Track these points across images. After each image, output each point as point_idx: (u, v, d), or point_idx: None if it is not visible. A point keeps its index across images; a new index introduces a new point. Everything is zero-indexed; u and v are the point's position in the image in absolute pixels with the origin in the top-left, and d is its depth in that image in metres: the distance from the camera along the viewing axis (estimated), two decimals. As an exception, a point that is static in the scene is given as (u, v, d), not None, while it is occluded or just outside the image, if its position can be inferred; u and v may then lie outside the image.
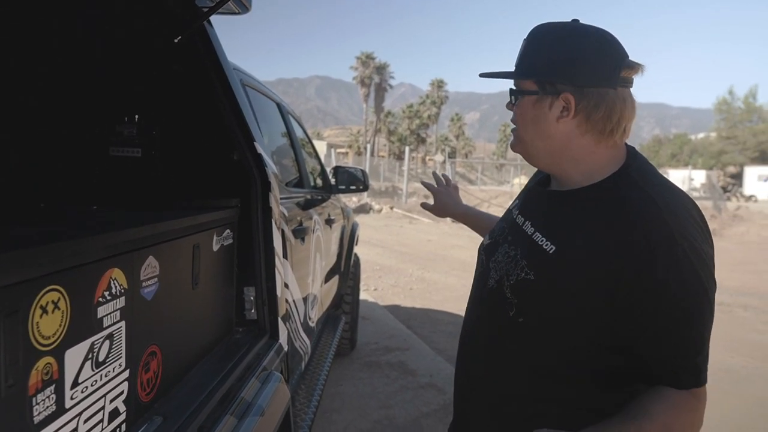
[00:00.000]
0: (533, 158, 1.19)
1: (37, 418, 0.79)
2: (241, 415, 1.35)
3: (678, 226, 1.00)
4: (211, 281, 1.51)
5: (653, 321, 1.00)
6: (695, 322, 1.00)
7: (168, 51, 1.81)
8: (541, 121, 1.11)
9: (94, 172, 1.92)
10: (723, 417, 3.94)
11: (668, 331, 1.00)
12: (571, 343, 1.08)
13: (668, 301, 0.99)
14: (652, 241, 0.98)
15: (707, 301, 1.01)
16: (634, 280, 0.99)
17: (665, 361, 1.02)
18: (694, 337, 1.01)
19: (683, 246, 0.98)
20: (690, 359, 1.02)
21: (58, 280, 0.82)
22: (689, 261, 0.98)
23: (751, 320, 6.81)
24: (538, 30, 1.14)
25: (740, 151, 51.36)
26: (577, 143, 1.11)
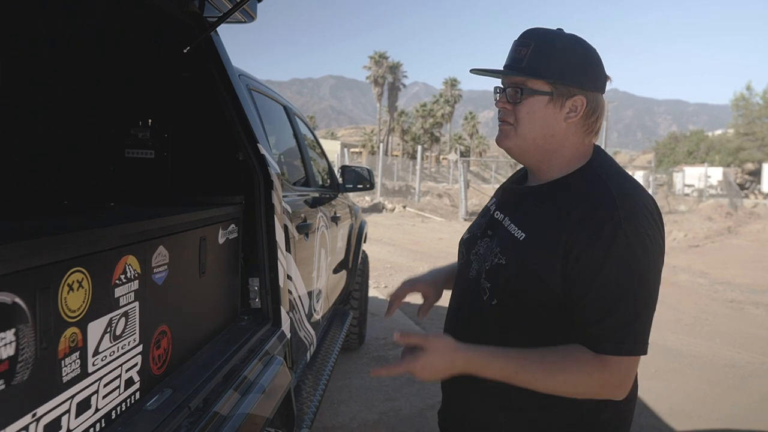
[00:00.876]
0: (526, 154, 1.28)
1: (65, 378, 0.94)
2: (243, 392, 1.49)
3: (627, 213, 1.12)
4: (217, 271, 1.66)
5: (589, 291, 1.12)
6: (626, 297, 1.11)
7: (178, 59, 1.96)
8: (550, 120, 1.22)
9: (111, 172, 2.08)
10: (727, 412, 4.00)
11: (599, 300, 1.12)
12: (539, 320, 1.21)
13: (604, 275, 1.11)
14: (600, 223, 1.11)
15: (644, 280, 1.12)
16: (580, 253, 1.12)
17: (592, 325, 1.13)
18: (622, 310, 1.11)
19: (627, 230, 1.10)
20: (614, 328, 1.11)
21: (82, 263, 0.96)
22: (629, 244, 1.10)
23: (762, 317, 6.82)
24: (540, 34, 1.23)
25: (758, 147, 50.55)
26: (570, 141, 1.24)
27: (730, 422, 3.87)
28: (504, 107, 1.26)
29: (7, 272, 0.79)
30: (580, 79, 1.20)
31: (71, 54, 2.07)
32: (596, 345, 1.13)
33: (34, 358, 0.86)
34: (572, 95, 1.20)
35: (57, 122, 2.10)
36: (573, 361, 1.14)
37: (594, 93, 1.22)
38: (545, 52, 1.20)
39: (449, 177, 43.31)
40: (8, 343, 0.80)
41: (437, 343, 1.17)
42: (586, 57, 1.22)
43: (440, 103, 78.19)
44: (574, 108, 1.21)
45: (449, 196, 25.27)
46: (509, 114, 1.25)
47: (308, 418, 2.41)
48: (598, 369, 1.13)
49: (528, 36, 1.23)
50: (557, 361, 1.15)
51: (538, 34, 1.23)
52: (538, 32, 1.23)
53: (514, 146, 1.27)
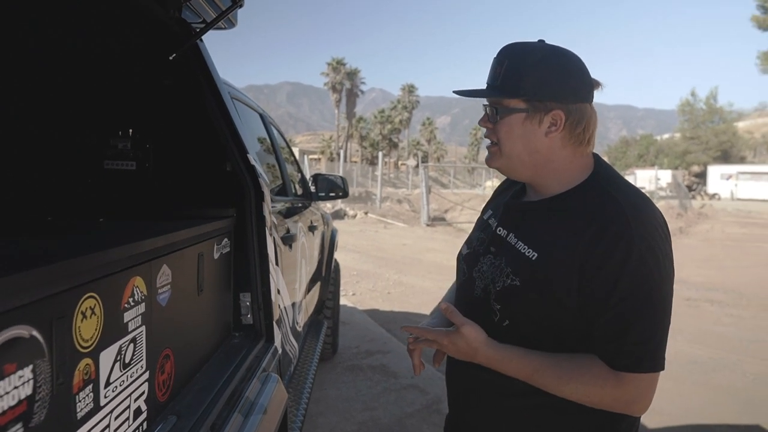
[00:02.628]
0: (515, 171, 1.27)
1: (79, 414, 0.87)
2: (246, 413, 1.43)
3: (640, 229, 1.12)
4: (213, 288, 1.59)
5: (606, 308, 1.12)
6: (643, 313, 1.11)
7: (161, 67, 1.88)
8: (530, 136, 1.20)
9: (89, 185, 1.97)
10: (694, 407, 4.13)
11: (617, 317, 1.11)
12: (552, 340, 1.19)
13: (621, 292, 1.10)
14: (614, 239, 1.11)
15: (659, 296, 1.12)
16: (595, 273, 1.11)
17: (609, 342, 1.13)
18: (639, 326, 1.11)
19: (641, 246, 1.10)
20: (632, 345, 1.11)
21: (95, 288, 0.89)
22: (644, 260, 1.10)
23: (717, 314, 7.09)
24: (516, 50, 1.21)
25: (703, 150, 52.89)
26: (559, 155, 1.22)
27: (699, 417, 4.00)
28: (486, 126, 1.26)
29: (24, 303, 0.71)
30: (557, 92, 1.18)
31: (45, 59, 1.95)
32: (614, 362, 1.12)
33: (51, 395, 0.78)
34: (549, 110, 1.18)
35: (29, 132, 1.97)
36: (585, 372, 1.14)
37: (576, 105, 1.19)
38: (518, 69, 1.19)
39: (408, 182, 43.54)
40: (26, 381, 0.73)
41: (469, 331, 1.20)
42: (563, 69, 1.20)
43: (398, 109, 78.72)
44: (554, 122, 1.19)
45: (409, 201, 25.39)
46: (492, 133, 1.25)
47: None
48: (612, 384, 1.12)
49: (503, 53, 1.22)
50: (573, 369, 1.15)
51: (513, 51, 1.21)
52: (513, 48, 1.22)
53: (501, 166, 1.27)
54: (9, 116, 1.95)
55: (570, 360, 1.16)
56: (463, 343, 1.20)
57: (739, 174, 44.90)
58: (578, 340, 1.18)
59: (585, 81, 1.21)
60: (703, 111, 56.37)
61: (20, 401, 0.72)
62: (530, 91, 1.18)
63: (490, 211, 1.43)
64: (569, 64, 1.20)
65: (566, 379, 1.14)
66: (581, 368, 1.14)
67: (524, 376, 1.18)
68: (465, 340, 1.20)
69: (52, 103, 1.99)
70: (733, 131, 55.50)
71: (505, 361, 1.19)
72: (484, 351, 1.20)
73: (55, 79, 1.97)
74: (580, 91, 1.20)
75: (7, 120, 1.95)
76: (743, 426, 3.92)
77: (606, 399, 1.14)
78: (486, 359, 1.20)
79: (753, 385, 4.64)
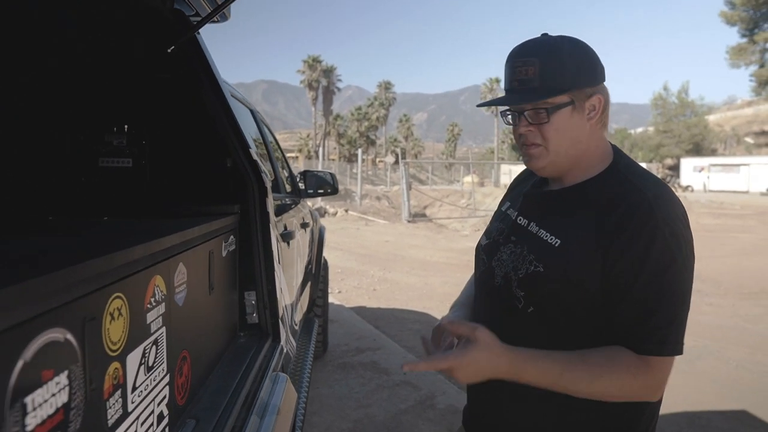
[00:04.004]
0: (558, 167, 1.24)
1: (110, 421, 0.82)
2: (262, 415, 1.39)
3: (662, 214, 1.12)
4: (222, 286, 1.54)
5: (630, 292, 1.11)
6: (667, 296, 1.11)
7: (158, 60, 1.82)
8: (576, 127, 1.20)
9: (84, 183, 1.90)
10: (681, 394, 4.19)
11: (641, 301, 1.11)
12: (577, 325, 1.18)
13: (645, 276, 1.10)
14: (638, 226, 1.11)
15: (681, 282, 1.12)
16: (619, 257, 1.11)
17: (635, 326, 1.12)
18: (664, 310, 1.11)
19: (664, 231, 1.11)
20: (657, 328, 1.11)
21: (121, 288, 0.84)
22: (668, 244, 1.11)
23: (697, 303, 7.22)
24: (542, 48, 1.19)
25: (676, 144, 53.91)
26: (593, 140, 1.23)
27: (687, 404, 4.06)
28: (527, 131, 1.21)
29: (58, 304, 0.67)
30: (592, 77, 1.20)
31: (38, 53, 1.87)
32: (639, 346, 1.12)
33: (85, 401, 0.73)
34: (589, 96, 1.19)
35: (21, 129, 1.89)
36: (617, 362, 1.13)
37: (603, 85, 1.22)
38: (554, 65, 1.17)
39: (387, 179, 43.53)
40: (63, 388, 0.68)
41: (486, 338, 1.12)
42: (590, 54, 1.21)
43: (375, 106, 78.64)
44: (593, 107, 1.20)
45: (388, 198, 25.40)
46: (535, 135, 1.21)
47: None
48: (642, 370, 1.12)
49: (529, 53, 1.19)
50: (601, 363, 1.13)
51: (539, 49, 1.19)
52: (537, 46, 1.19)
53: (548, 165, 1.23)
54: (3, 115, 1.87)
55: (596, 354, 1.14)
56: (484, 354, 1.12)
57: (711, 166, 45.95)
58: (603, 325, 1.17)
59: (600, 62, 1.23)
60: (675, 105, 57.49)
61: (57, 410, 0.67)
62: (573, 83, 1.17)
63: (508, 202, 1.43)
64: (589, 48, 1.22)
65: (598, 373, 1.12)
66: (610, 360, 1.13)
67: (551, 378, 1.13)
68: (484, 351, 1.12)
69: (44, 99, 1.91)
70: (704, 124, 56.72)
71: (530, 362, 1.14)
72: (507, 356, 1.14)
73: (48, 74, 1.89)
74: (603, 70, 1.23)
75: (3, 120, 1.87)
76: (729, 412, 4.00)
77: (636, 388, 1.13)
78: (509, 365, 1.13)
79: (736, 372, 4.74)
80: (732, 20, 48.15)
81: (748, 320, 6.35)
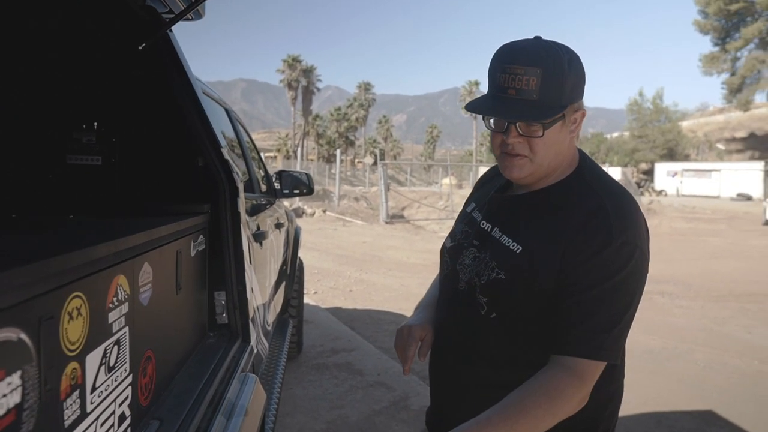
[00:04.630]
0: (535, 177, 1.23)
1: (67, 422, 0.81)
2: (228, 416, 1.38)
3: (618, 222, 1.14)
4: (190, 286, 1.53)
5: (573, 294, 1.13)
6: (607, 302, 1.12)
7: (129, 57, 1.79)
8: (563, 141, 1.20)
9: (51, 180, 1.87)
10: (651, 395, 4.27)
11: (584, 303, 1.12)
12: (540, 331, 1.19)
13: (591, 279, 1.12)
14: (591, 234, 1.13)
15: (627, 289, 1.13)
16: (572, 260, 1.13)
17: (572, 328, 1.13)
18: (603, 315, 1.12)
19: (617, 239, 1.12)
20: (593, 332, 1.12)
21: (81, 287, 0.83)
22: (619, 252, 1.12)
23: (668, 305, 7.37)
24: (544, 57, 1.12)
25: (651, 148, 54.86)
26: (569, 151, 1.24)
27: (655, 405, 4.14)
28: (518, 142, 1.17)
29: (12, 303, 0.65)
30: (582, 92, 1.19)
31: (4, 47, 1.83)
32: (573, 348, 1.12)
33: (39, 402, 0.72)
34: (577, 110, 1.19)
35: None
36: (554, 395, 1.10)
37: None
38: (557, 80, 1.11)
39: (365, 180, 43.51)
40: (15, 388, 0.67)
41: None
42: (582, 68, 1.18)
43: (354, 107, 78.59)
44: (575, 121, 1.20)
45: (366, 199, 25.39)
46: (523, 147, 1.17)
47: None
48: (574, 385, 1.11)
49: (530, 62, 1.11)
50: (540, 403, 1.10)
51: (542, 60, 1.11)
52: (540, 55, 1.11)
53: (528, 176, 1.21)
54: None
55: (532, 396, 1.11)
56: None
57: (684, 171, 46.86)
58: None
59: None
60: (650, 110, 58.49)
61: (8, 410, 0.66)
62: (570, 99, 1.16)
63: (473, 203, 1.42)
64: (581, 61, 1.19)
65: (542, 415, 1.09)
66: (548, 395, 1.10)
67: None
68: None
69: (10, 94, 1.88)
70: (678, 130, 57.83)
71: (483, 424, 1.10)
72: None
73: (14, 68, 1.85)
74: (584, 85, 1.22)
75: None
76: (696, 412, 4.08)
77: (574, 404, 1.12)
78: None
79: (704, 373, 4.84)
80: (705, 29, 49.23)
81: (717, 322, 6.49)
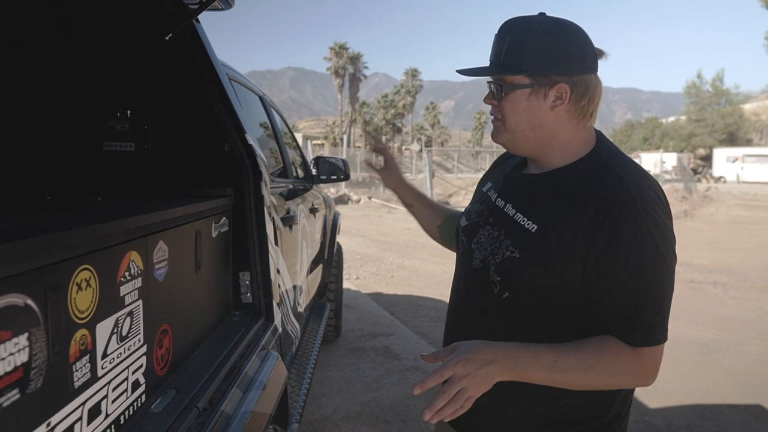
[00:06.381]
0: (520, 147, 1.26)
1: (77, 383, 0.89)
2: (245, 389, 1.45)
3: (643, 203, 1.11)
4: (211, 266, 1.60)
5: (617, 285, 1.11)
6: (653, 288, 1.11)
7: (158, 47, 1.88)
8: (535, 111, 1.19)
9: (88, 166, 1.98)
10: (695, 387, 4.15)
11: (629, 294, 1.11)
12: (552, 313, 1.19)
13: (631, 268, 1.10)
14: (620, 216, 1.10)
15: (666, 271, 1.12)
16: (603, 250, 1.10)
17: (623, 319, 1.13)
18: (651, 301, 1.12)
19: (647, 221, 1.10)
20: (645, 320, 1.12)
21: (90, 260, 0.91)
22: (651, 235, 1.10)
23: (720, 296, 7.09)
24: (516, 25, 1.20)
25: (709, 133, 52.47)
26: (564, 128, 1.22)
27: (699, 397, 4.02)
28: (491, 103, 1.25)
29: (18, 272, 0.73)
30: (561, 65, 1.17)
31: (44, 42, 1.95)
32: (630, 337, 1.12)
33: (47, 363, 0.80)
34: (554, 84, 1.17)
35: (29, 115, 1.98)
36: (608, 351, 1.12)
37: (581, 76, 1.18)
38: (520, 44, 1.17)
39: (412, 167, 43.46)
40: (22, 348, 0.74)
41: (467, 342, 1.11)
42: (565, 42, 1.18)
43: (401, 93, 78.35)
44: (559, 96, 1.18)
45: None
46: (497, 110, 1.24)
47: (297, 412, 2.38)
48: (633, 359, 1.13)
49: (504, 29, 1.20)
50: (593, 351, 1.12)
51: (513, 26, 1.20)
52: (513, 23, 1.20)
53: (506, 141, 1.26)
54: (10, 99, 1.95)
55: (587, 343, 1.14)
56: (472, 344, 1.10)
57: (745, 157, 44.53)
58: (577, 314, 1.18)
59: (588, 51, 1.19)
60: (710, 93, 55.83)
61: (16, 368, 0.73)
62: (533, 67, 1.17)
63: (489, 183, 1.43)
64: (571, 35, 1.18)
65: (590, 362, 1.11)
66: (602, 349, 1.12)
67: (547, 364, 1.10)
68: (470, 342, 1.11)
69: (51, 86, 2.00)
70: (740, 113, 55.01)
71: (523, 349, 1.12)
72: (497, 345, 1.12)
73: (53, 62, 1.98)
74: (584, 62, 1.19)
75: (8, 103, 1.96)
76: (744, 406, 3.94)
77: (629, 376, 1.14)
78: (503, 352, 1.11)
79: (754, 366, 4.65)
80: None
81: (772, 314, 6.21)
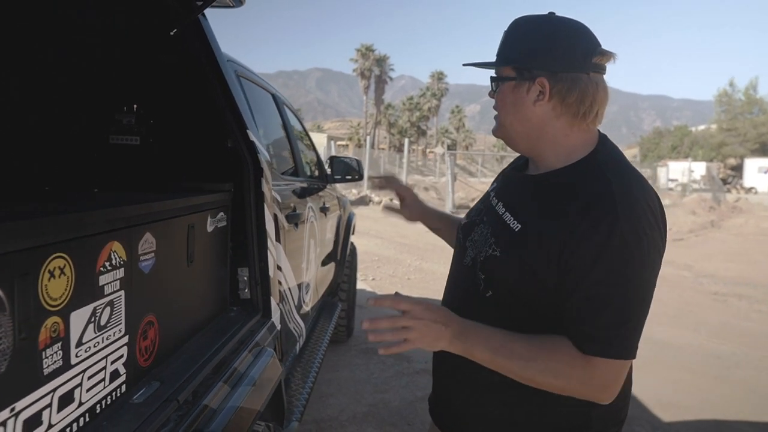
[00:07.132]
0: (513, 141, 1.27)
1: (46, 370, 0.89)
2: (233, 384, 1.45)
3: (627, 211, 1.07)
4: (205, 260, 1.61)
5: (580, 287, 1.08)
6: (616, 298, 1.07)
7: (163, 43, 1.89)
8: (519, 105, 1.20)
9: (94, 158, 2.01)
10: (712, 402, 4.04)
11: (590, 299, 1.08)
12: (534, 313, 1.17)
13: (598, 273, 1.06)
14: (597, 219, 1.07)
15: (638, 285, 1.08)
16: (575, 249, 1.08)
17: (580, 323, 1.09)
18: (612, 312, 1.07)
19: (625, 230, 1.05)
20: (602, 329, 1.07)
21: (64, 248, 0.91)
22: (626, 244, 1.05)
23: (745, 309, 6.90)
24: (516, 22, 1.24)
25: (741, 143, 51.14)
26: (553, 126, 1.19)
27: (716, 412, 3.91)
28: (492, 97, 1.27)
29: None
30: (544, 60, 1.16)
31: (52, 37, 1.99)
32: (583, 344, 1.08)
33: (12, 348, 0.81)
34: (535, 78, 1.16)
35: (37, 108, 2.02)
36: (558, 351, 1.09)
37: (564, 74, 1.15)
38: (510, 38, 1.21)
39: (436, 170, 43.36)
40: (-16, 332, 0.75)
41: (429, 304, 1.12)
42: (552, 37, 1.17)
43: (427, 96, 78.24)
44: (541, 90, 1.17)
45: (436, 189, 25.27)
46: (495, 105, 1.26)
47: (298, 410, 2.38)
48: (582, 366, 1.08)
49: (509, 25, 1.24)
50: (542, 346, 1.10)
51: (514, 22, 1.24)
52: (517, 20, 1.24)
53: (502, 135, 1.28)
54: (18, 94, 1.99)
55: (540, 337, 1.12)
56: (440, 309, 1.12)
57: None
58: (556, 317, 1.15)
59: (578, 49, 1.16)
60: (742, 102, 54.44)
61: (-23, 351, 0.74)
62: (517, 59, 1.18)
63: (495, 183, 1.43)
64: (560, 32, 1.17)
65: (535, 355, 1.09)
66: (552, 345, 1.10)
67: (493, 345, 1.11)
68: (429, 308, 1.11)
69: (58, 80, 2.04)
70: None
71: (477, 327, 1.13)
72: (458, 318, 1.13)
73: (61, 56, 2.01)
74: (571, 59, 1.16)
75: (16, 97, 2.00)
76: (763, 424, 3.82)
77: (573, 382, 1.10)
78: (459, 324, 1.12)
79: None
80: (811, 11, 44.98)
81: (798, 330, 6.02)
